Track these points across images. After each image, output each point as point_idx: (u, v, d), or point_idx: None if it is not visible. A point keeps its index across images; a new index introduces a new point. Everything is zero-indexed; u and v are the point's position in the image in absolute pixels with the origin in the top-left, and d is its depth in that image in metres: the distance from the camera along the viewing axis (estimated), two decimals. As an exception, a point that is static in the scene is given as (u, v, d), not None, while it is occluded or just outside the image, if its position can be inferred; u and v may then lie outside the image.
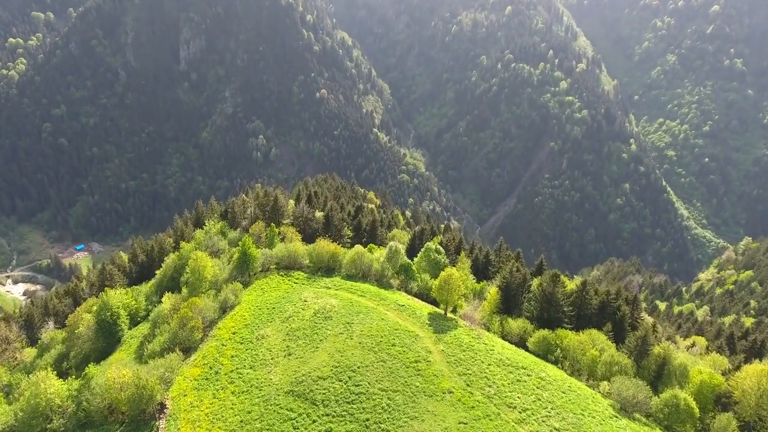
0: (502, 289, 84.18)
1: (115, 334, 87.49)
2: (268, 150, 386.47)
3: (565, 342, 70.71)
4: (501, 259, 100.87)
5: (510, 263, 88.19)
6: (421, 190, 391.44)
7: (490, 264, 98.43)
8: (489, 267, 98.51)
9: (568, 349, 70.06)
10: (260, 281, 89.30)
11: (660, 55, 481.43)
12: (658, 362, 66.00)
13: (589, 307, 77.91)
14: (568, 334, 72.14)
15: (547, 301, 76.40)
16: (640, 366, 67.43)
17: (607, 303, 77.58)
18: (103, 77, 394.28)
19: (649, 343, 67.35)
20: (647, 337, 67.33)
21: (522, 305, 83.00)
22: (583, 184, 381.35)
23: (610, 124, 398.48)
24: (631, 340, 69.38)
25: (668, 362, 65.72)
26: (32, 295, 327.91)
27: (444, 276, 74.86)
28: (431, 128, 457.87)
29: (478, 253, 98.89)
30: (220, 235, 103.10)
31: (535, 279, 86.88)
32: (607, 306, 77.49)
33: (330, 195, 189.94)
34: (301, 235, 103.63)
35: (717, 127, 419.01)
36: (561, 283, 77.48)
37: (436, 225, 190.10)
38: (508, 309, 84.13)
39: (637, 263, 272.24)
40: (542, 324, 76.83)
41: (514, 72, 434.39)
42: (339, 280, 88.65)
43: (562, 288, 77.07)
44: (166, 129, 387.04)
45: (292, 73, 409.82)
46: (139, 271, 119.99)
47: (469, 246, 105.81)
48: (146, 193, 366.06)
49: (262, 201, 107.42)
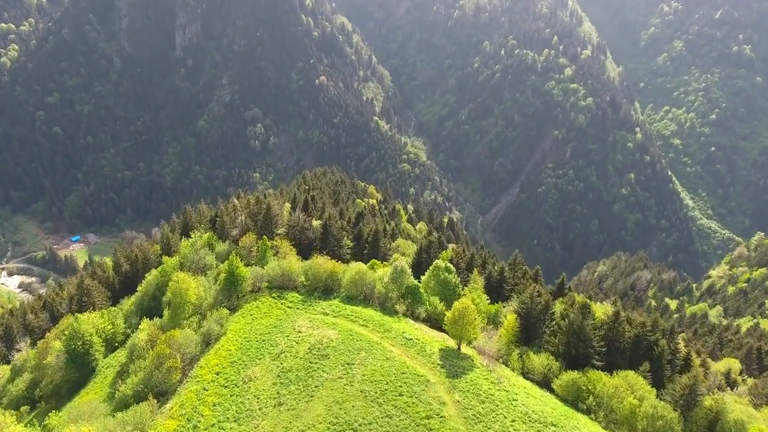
0: (521, 316, 73.86)
1: (88, 364, 77.45)
2: (267, 139, 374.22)
3: (599, 387, 60.60)
4: (516, 275, 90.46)
5: (529, 286, 77.70)
6: (422, 180, 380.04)
7: (505, 281, 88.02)
8: (503, 284, 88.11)
9: (601, 396, 59.95)
10: (250, 305, 78.91)
11: (666, 41, 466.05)
12: (709, 417, 56.00)
13: (621, 340, 67.62)
14: (601, 376, 61.98)
15: (575, 335, 66.09)
16: (687, 419, 57.40)
17: (642, 336, 67.26)
18: (97, 64, 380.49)
19: (698, 393, 57.25)
20: (696, 385, 57.17)
21: (543, 335, 72.74)
22: (587, 174, 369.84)
23: (615, 113, 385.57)
24: (676, 387, 59.20)
25: (722, 417, 55.75)
26: (28, 287, 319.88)
27: (458, 308, 64.44)
28: (432, 116, 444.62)
29: (492, 270, 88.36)
30: (207, 248, 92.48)
31: (557, 303, 76.52)
32: (642, 340, 67.20)
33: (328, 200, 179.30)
34: (296, 249, 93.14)
35: (724, 116, 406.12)
36: (591, 314, 67.09)
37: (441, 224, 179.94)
38: (528, 338, 73.97)
39: (645, 258, 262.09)
40: (568, 361, 66.68)
41: (518, 58, 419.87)
42: (338, 304, 78.27)
43: (591, 320, 66.69)
44: (162, 117, 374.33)
45: (291, 59, 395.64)
46: (122, 282, 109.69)
47: (480, 257, 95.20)
48: (142, 183, 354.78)
49: (253, 209, 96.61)
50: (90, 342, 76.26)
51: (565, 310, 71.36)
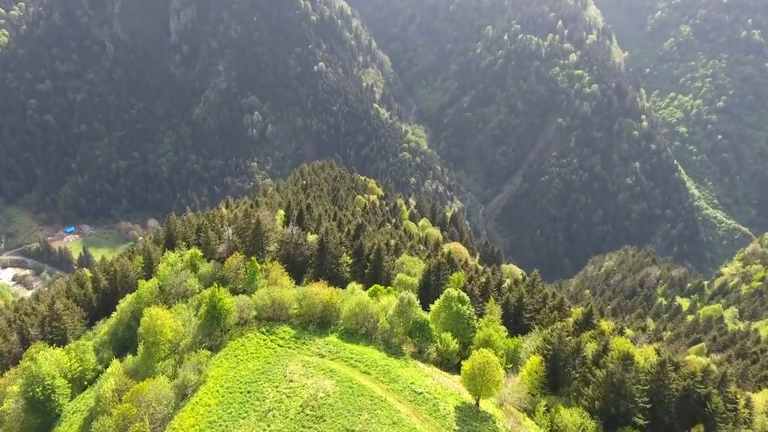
0: (547, 358, 63.09)
1: (50, 411, 66.84)
2: (264, 127, 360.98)
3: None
4: (536, 300, 79.60)
5: (554, 323, 66.87)
6: (423, 169, 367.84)
7: (524, 308, 77.16)
8: (522, 312, 77.29)
9: (650, 471, 49.51)
10: (235, 342, 67.96)
11: (673, 25, 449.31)
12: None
13: (667, 393, 56.93)
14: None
15: (615, 390, 55.35)
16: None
17: (691, 389, 56.53)
18: (89, 50, 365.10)
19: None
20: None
21: (573, 380, 62.07)
22: (591, 163, 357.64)
23: (621, 100, 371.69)
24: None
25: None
26: (22, 280, 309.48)
27: (478, 362, 53.56)
28: (434, 103, 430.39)
29: (509, 296, 77.35)
30: (189, 269, 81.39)
31: (586, 339, 65.71)
32: (692, 393, 56.49)
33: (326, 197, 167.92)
34: (289, 269, 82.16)
35: (731, 103, 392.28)
36: (633, 365, 56.27)
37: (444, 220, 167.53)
38: (555, 383, 63.31)
39: (653, 253, 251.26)
40: (606, 418, 56.10)
41: (522, 43, 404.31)
42: (335, 341, 67.43)
43: (635, 372, 55.89)
44: (157, 105, 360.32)
45: (289, 44, 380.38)
46: (101, 300, 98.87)
47: (496, 280, 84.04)
48: (138, 173, 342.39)
49: (241, 224, 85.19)
50: (52, 386, 65.50)
51: (600, 355, 60.50)
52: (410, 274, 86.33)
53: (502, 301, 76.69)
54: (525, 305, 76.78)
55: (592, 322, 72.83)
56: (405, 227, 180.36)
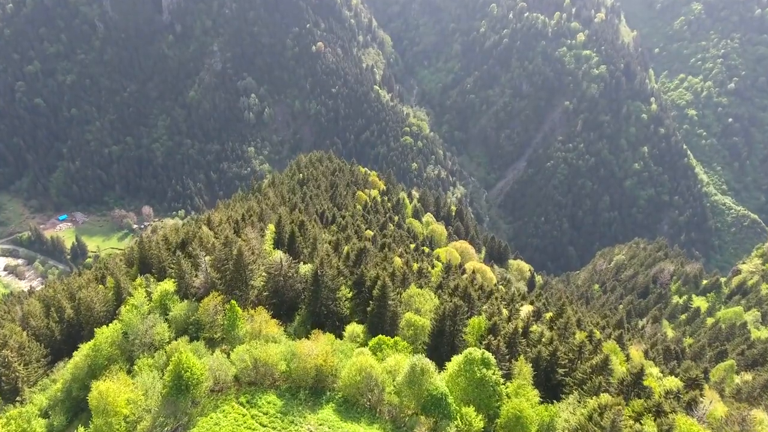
0: (596, 445, 49.24)
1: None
2: (261, 110, 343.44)
3: None
4: (570, 347, 65.57)
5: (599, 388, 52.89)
6: (425, 154, 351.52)
7: (558, 363, 63.12)
8: (556, 366, 63.29)
9: None
10: (207, 420, 54.06)
11: (684, 3, 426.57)
12: None
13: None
14: None
15: None
16: None
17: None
18: (78, 30, 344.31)
19: None
20: None
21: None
22: (598, 148, 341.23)
23: (629, 81, 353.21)
24: None
25: None
26: (13, 270, 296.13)
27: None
28: (436, 84, 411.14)
29: (541, 348, 63.19)
30: (158, 312, 67.16)
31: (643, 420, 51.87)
32: None
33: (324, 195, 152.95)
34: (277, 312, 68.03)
35: (743, 84, 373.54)
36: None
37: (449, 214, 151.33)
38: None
39: (665, 246, 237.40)
40: None
41: (527, 22, 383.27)
42: (331, 416, 53.62)
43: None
44: (149, 88, 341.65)
45: (286, 24, 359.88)
46: (66, 332, 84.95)
47: (523, 324, 69.62)
48: (131, 158, 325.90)
49: (219, 256, 70.53)
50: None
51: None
52: (420, 313, 72.18)
53: (531, 354, 62.60)
54: (560, 359, 62.71)
55: (641, 383, 58.93)
56: (408, 226, 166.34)
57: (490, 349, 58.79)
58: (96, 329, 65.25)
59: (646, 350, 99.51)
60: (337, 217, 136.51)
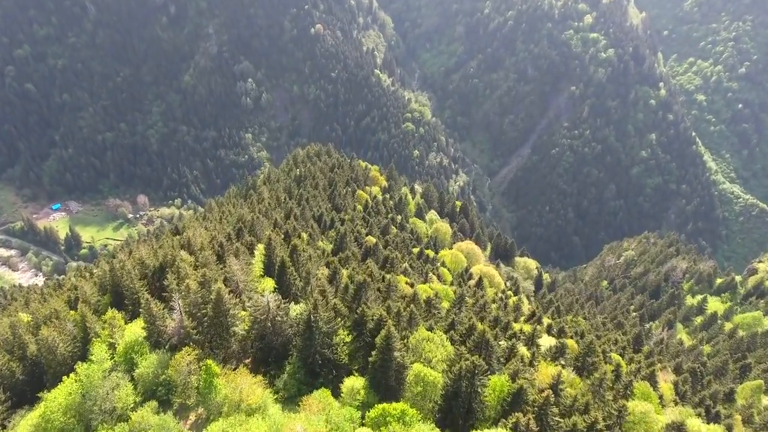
0: None
1: None
2: (259, 95, 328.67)
3: None
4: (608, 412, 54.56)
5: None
6: (427, 140, 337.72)
7: (595, 433, 52.18)
8: (591, 437, 52.36)
9: None
10: None
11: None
12: None
13: None
14: None
15: None
16: None
17: None
18: (69, 12, 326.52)
19: None
20: None
21: None
22: (605, 134, 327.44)
23: (638, 66, 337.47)
24: None
25: None
26: (7, 261, 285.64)
27: None
28: (438, 68, 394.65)
29: (578, 421, 52.06)
30: (123, 369, 56.03)
31: None
32: None
33: (322, 194, 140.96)
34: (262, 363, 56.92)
35: (754, 69, 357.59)
36: None
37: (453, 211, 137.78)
38: None
39: (676, 241, 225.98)
40: None
41: (533, 3, 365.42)
42: None
43: None
44: (143, 72, 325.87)
45: (284, 5, 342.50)
46: (30, 372, 73.93)
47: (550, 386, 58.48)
48: (125, 145, 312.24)
49: (194, 300, 59.01)
50: None
51: None
52: (431, 364, 61.01)
53: (565, 427, 51.58)
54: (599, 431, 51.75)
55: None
56: (411, 227, 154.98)
57: (519, 431, 47.74)
58: (46, 394, 54.12)
59: (675, 382, 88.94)
60: (335, 222, 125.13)
